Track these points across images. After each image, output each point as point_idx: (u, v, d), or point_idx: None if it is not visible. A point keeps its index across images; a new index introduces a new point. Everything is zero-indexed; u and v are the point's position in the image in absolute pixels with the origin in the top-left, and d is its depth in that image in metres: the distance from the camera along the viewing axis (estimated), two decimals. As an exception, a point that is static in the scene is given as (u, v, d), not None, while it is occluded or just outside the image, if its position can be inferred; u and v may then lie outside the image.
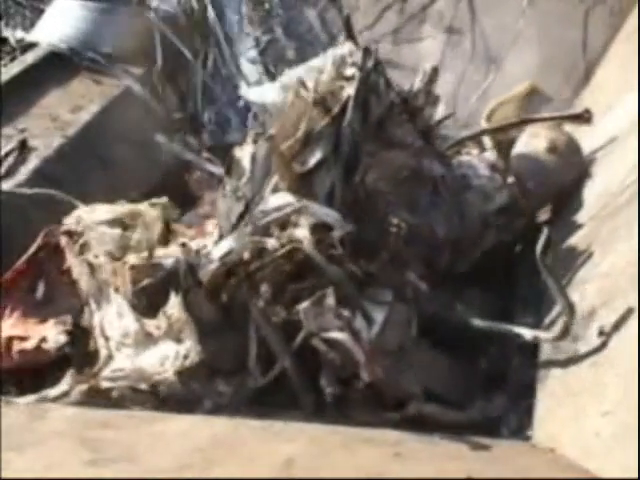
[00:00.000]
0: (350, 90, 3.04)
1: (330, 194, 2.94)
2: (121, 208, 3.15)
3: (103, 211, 3.15)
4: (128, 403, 2.66)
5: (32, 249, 3.06)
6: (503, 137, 3.62)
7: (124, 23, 4.53)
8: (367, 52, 3.16)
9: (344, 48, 3.25)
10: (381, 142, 3.12)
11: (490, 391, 2.76)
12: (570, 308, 2.45)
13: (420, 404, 2.62)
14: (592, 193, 3.11)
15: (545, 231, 2.52)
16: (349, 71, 3.12)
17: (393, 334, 2.76)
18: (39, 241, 3.07)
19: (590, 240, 2.82)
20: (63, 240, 3.06)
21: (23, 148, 3.77)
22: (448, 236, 3.13)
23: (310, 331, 2.62)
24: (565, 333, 2.47)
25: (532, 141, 3.46)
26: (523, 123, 3.60)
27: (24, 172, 3.60)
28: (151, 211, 3.16)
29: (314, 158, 2.98)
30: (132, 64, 4.43)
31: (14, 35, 4.68)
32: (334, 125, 3.00)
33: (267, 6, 4.78)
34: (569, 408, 2.23)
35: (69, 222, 3.13)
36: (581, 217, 3.05)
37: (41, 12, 4.72)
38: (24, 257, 3.05)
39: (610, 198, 2.85)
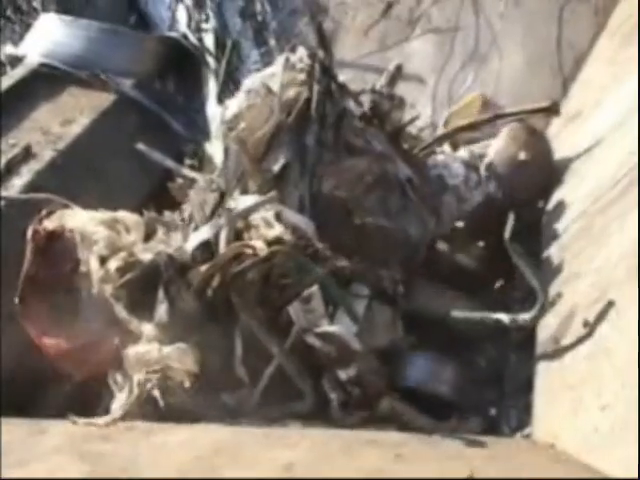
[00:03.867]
0: (304, 95, 3.11)
1: (300, 202, 2.99)
2: (101, 214, 3.14)
3: (85, 216, 3.14)
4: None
5: (29, 253, 3.03)
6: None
7: (129, 46, 4.55)
8: (314, 57, 3.20)
9: (297, 54, 3.27)
10: (340, 150, 3.16)
11: (489, 389, 2.78)
12: (542, 288, 2.58)
13: (393, 401, 2.64)
14: (583, 189, 3.12)
15: (511, 217, 2.57)
16: (300, 76, 3.16)
17: (381, 334, 2.81)
18: (31, 244, 3.04)
19: (582, 235, 2.84)
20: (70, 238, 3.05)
21: (27, 155, 3.79)
22: (422, 237, 3.16)
23: (302, 328, 2.64)
24: (540, 313, 2.58)
25: (507, 145, 3.50)
26: (495, 118, 3.63)
27: (17, 185, 3.60)
28: (130, 216, 3.15)
29: (278, 163, 3.03)
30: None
31: (3, 50, 4.69)
32: (293, 131, 3.06)
33: (260, 18, 4.80)
34: (567, 403, 2.23)
35: (52, 224, 3.10)
36: (572, 213, 3.06)
37: (30, 27, 4.72)
38: (26, 264, 3.03)
39: (601, 193, 2.86)
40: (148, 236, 3.10)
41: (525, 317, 2.65)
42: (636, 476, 1.72)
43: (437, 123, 4.16)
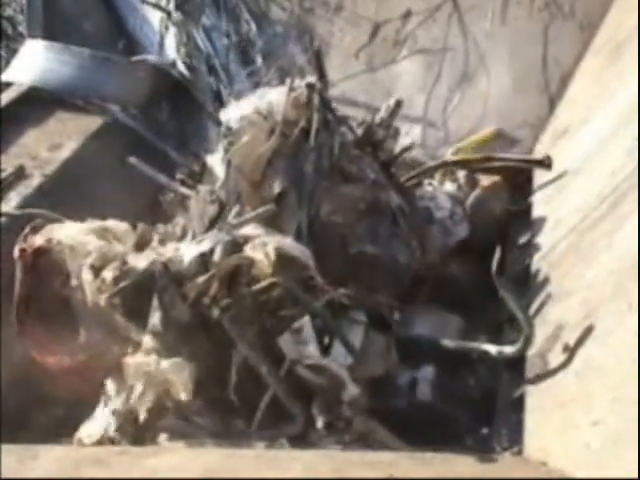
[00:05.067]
0: (302, 123, 3.14)
1: (298, 231, 3.00)
2: (90, 224, 3.14)
3: (74, 227, 3.13)
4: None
5: (18, 273, 3.01)
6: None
7: (112, 71, 4.55)
8: (312, 87, 3.22)
9: (293, 83, 3.30)
10: (336, 177, 3.20)
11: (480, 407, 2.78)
12: (528, 322, 2.61)
13: (366, 421, 2.64)
14: (571, 206, 3.13)
15: (498, 251, 2.60)
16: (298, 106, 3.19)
17: (376, 362, 2.81)
18: (19, 262, 3.01)
19: (571, 252, 2.85)
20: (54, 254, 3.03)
21: (20, 175, 3.79)
22: (409, 265, 3.18)
23: (292, 360, 2.64)
24: (526, 346, 2.61)
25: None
26: (486, 160, 3.66)
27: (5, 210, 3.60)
28: (120, 225, 3.14)
29: (274, 190, 3.05)
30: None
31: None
32: (290, 158, 3.09)
33: (246, 38, 4.81)
34: (558, 420, 2.23)
35: (39, 240, 3.06)
36: (562, 230, 3.07)
37: (15, 52, 4.72)
38: (17, 284, 3.00)
39: (588, 210, 2.87)
40: (142, 246, 3.09)
41: (512, 349, 2.69)
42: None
43: (426, 143, 4.19)
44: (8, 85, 4.42)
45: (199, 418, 2.71)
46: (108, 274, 2.84)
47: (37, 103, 4.33)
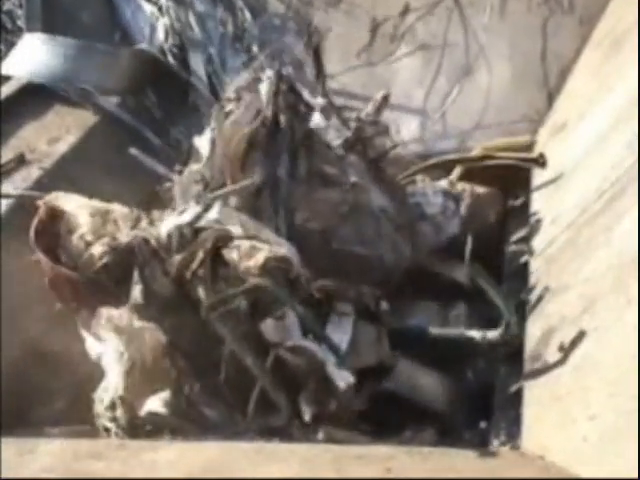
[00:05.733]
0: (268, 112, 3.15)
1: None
2: (95, 203, 3.19)
3: (78, 201, 3.20)
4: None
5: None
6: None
7: (105, 62, 4.54)
8: (280, 76, 3.24)
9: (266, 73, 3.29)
10: (315, 181, 3.19)
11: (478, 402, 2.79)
12: (506, 306, 2.71)
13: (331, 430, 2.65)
14: (570, 200, 3.13)
15: (469, 239, 2.67)
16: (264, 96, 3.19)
17: (368, 352, 2.82)
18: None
19: (570, 247, 2.85)
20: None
21: (21, 162, 3.80)
22: (397, 264, 3.19)
23: (274, 342, 2.65)
24: (507, 330, 2.70)
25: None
26: (483, 159, 3.67)
27: (3, 203, 3.59)
28: (121, 209, 3.18)
29: (254, 181, 3.06)
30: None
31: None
32: (264, 152, 3.11)
33: (242, 28, 4.80)
34: (556, 414, 2.23)
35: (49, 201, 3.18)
36: (560, 224, 3.07)
37: (13, 45, 4.71)
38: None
39: (587, 205, 2.87)
40: (134, 228, 3.13)
41: (494, 334, 2.76)
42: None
43: (424, 137, 4.19)
44: (7, 78, 4.40)
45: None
46: (97, 249, 2.88)
47: (36, 96, 4.32)
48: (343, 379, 2.62)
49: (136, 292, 2.79)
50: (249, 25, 4.77)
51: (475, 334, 2.83)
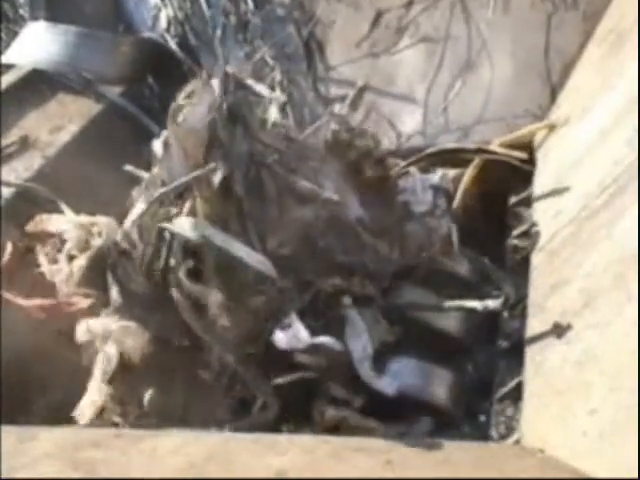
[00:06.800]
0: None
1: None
2: (80, 217, 3.19)
3: (65, 218, 3.21)
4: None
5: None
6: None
7: (106, 49, 4.53)
8: (227, 77, 3.14)
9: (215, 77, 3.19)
10: (287, 199, 3.06)
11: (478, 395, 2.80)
12: (504, 280, 2.83)
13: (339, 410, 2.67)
14: (572, 195, 3.14)
15: (454, 227, 2.83)
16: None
17: (372, 337, 2.82)
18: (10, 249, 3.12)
19: (571, 242, 2.85)
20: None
21: (24, 145, 3.80)
22: (383, 270, 3.12)
23: (287, 350, 2.66)
24: (507, 301, 2.78)
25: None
26: (477, 152, 3.66)
27: (5, 192, 3.59)
28: (105, 220, 3.17)
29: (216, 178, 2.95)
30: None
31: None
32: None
33: (244, 19, 4.79)
34: (556, 408, 2.24)
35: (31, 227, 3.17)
36: (561, 221, 3.07)
37: (16, 35, 4.71)
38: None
39: (589, 200, 2.87)
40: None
41: (495, 304, 2.81)
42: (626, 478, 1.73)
43: (426, 131, 4.18)
44: (9, 67, 4.40)
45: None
46: (79, 262, 2.90)
47: (38, 85, 4.32)
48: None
49: (114, 293, 2.79)
50: (252, 16, 4.76)
51: (477, 304, 2.83)
